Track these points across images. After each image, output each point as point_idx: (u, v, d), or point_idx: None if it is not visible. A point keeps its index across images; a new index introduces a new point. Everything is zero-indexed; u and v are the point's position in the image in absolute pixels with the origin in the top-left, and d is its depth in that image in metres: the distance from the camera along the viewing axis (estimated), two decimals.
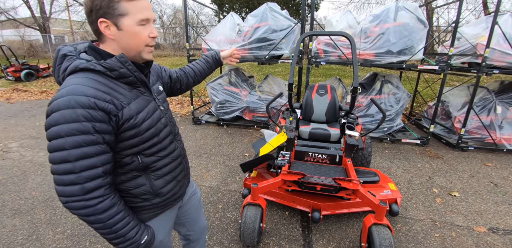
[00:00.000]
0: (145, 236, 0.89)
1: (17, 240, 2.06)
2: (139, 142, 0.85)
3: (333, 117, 2.74)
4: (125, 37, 0.79)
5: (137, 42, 0.80)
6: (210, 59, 1.33)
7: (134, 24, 0.78)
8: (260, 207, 1.86)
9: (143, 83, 0.88)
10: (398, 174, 3.07)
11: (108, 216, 0.78)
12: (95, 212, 0.76)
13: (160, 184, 0.94)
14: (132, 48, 0.81)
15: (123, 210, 0.83)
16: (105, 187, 0.78)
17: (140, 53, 0.83)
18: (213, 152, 3.75)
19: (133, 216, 0.88)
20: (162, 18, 19.71)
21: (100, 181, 0.76)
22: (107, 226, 0.79)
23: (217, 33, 4.42)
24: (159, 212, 0.99)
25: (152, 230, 0.95)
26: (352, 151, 2.29)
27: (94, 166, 0.74)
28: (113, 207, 0.79)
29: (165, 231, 1.04)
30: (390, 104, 3.98)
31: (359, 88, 2.46)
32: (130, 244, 0.85)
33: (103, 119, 0.74)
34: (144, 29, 0.80)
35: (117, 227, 0.81)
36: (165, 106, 1.01)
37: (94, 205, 0.75)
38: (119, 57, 0.79)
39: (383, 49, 3.40)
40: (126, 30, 0.77)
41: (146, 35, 0.81)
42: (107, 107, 0.74)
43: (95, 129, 0.73)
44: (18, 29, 16.58)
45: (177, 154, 1.00)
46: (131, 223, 0.85)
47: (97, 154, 0.75)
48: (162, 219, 1.02)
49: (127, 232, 0.83)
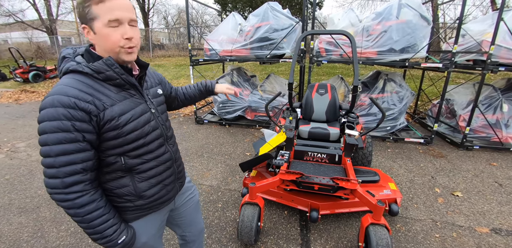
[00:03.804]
0: (123, 236, 0.90)
1: (22, 237, 2.12)
2: (123, 143, 0.86)
3: (333, 116, 2.72)
4: (100, 40, 0.80)
5: (109, 44, 0.80)
6: (203, 88, 1.34)
7: (104, 27, 0.77)
8: (257, 206, 1.87)
9: (132, 85, 0.89)
10: (400, 173, 3.04)
11: (86, 211, 0.81)
12: (74, 206, 0.79)
13: (144, 186, 0.94)
14: (109, 51, 0.82)
15: (103, 207, 0.85)
16: (84, 183, 0.81)
17: (117, 54, 0.82)
18: (214, 152, 3.77)
19: (113, 214, 0.89)
20: (167, 18, 19.84)
21: (80, 177, 0.79)
22: (85, 220, 0.82)
23: (219, 33, 4.44)
24: (143, 214, 0.99)
25: (132, 231, 0.96)
26: (351, 151, 2.28)
27: (73, 162, 0.78)
28: (92, 203, 0.82)
29: (149, 234, 1.04)
30: (393, 103, 3.94)
31: (359, 87, 2.44)
32: (107, 242, 0.87)
33: (82, 118, 0.76)
34: (115, 30, 0.78)
35: (95, 223, 0.83)
36: (159, 109, 1.01)
37: (73, 199, 0.79)
38: (106, 60, 0.81)
39: (386, 47, 3.36)
40: (98, 33, 0.78)
41: (119, 37, 0.79)
42: (87, 107, 0.77)
43: (74, 128, 0.76)
44: (26, 31, 16.94)
45: (166, 158, 1.00)
46: (110, 221, 0.86)
47: (77, 151, 0.78)
48: (146, 221, 1.02)
49: (104, 229, 0.85)
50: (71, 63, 0.82)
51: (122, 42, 0.80)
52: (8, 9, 15.88)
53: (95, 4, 0.75)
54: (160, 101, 1.04)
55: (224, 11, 10.93)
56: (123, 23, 0.79)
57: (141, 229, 1.00)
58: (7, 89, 9.56)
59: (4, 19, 16.20)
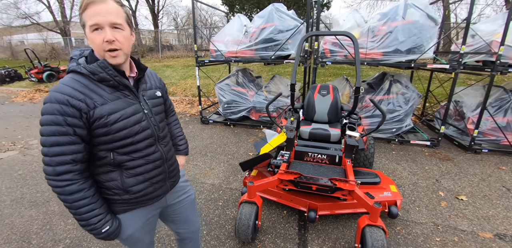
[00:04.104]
0: (107, 226, 0.96)
1: (32, 229, 2.22)
2: (111, 140, 0.92)
3: (335, 117, 2.72)
4: (90, 44, 0.88)
5: (95, 47, 0.87)
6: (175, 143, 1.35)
7: (89, 32, 0.84)
8: (255, 205, 1.89)
9: (126, 87, 0.95)
10: (403, 176, 3.00)
11: (74, 199, 0.88)
12: (64, 192, 0.87)
13: (131, 182, 0.99)
14: (98, 54, 0.89)
15: (90, 197, 0.91)
16: (74, 173, 0.88)
17: (104, 57, 0.88)
18: (218, 151, 3.82)
19: (99, 205, 0.94)
20: (176, 19, 20.15)
21: (69, 167, 0.87)
22: (72, 207, 0.89)
23: (225, 34, 4.49)
24: (130, 208, 1.04)
25: (118, 223, 1.01)
26: (352, 152, 2.27)
27: (63, 153, 0.85)
28: (80, 192, 0.89)
29: (135, 227, 1.08)
30: (399, 104, 3.89)
31: (362, 88, 2.43)
32: (92, 230, 0.93)
33: (73, 114, 0.83)
34: (98, 34, 0.84)
35: (81, 210, 0.90)
36: (154, 110, 1.05)
37: (63, 186, 0.87)
38: (100, 63, 0.87)
39: (391, 48, 3.32)
40: (88, 38, 0.86)
41: (101, 41, 0.84)
42: (78, 104, 0.84)
43: (66, 122, 0.83)
44: (41, 33, 17.56)
45: (156, 158, 1.04)
46: (96, 211, 0.93)
47: (67, 144, 0.85)
48: (133, 215, 1.06)
49: (90, 217, 0.92)
50: (73, 63, 0.89)
51: (104, 45, 0.85)
52: (24, 12, 16.52)
53: (82, 12, 0.83)
54: (157, 103, 1.08)
55: (231, 13, 11.03)
56: (104, 27, 0.84)
57: (128, 222, 1.05)
58: (23, 88, 9.93)
59: (21, 21, 16.87)
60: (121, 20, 0.87)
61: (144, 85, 1.05)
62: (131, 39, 0.93)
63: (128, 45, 0.92)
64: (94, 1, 0.82)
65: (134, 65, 1.02)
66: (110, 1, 0.85)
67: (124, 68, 0.95)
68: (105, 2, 0.83)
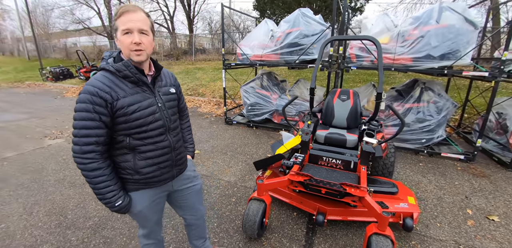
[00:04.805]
0: (119, 201, 1.12)
1: (69, 206, 2.56)
2: (128, 128, 1.08)
3: (354, 123, 2.66)
4: (120, 45, 1.05)
5: (124, 48, 1.04)
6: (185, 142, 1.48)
7: (121, 35, 1.02)
8: (263, 203, 1.93)
9: (144, 83, 1.11)
10: (428, 189, 2.80)
11: (94, 175, 1.05)
12: (86, 168, 1.04)
13: (142, 164, 1.14)
14: (125, 53, 1.06)
15: (107, 175, 1.08)
16: (96, 153, 1.04)
17: (129, 56, 1.05)
18: (238, 151, 3.92)
19: (114, 182, 1.11)
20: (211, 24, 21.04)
21: (93, 147, 1.03)
22: (92, 182, 1.06)
23: (252, 39, 4.63)
24: (140, 187, 1.20)
25: (129, 199, 1.17)
26: (368, 159, 2.21)
27: (89, 135, 1.02)
28: (99, 170, 1.05)
29: (144, 205, 1.23)
30: (430, 114, 3.65)
31: (384, 94, 2.36)
32: (107, 203, 1.11)
33: (100, 104, 1.00)
34: (128, 37, 1.02)
35: (99, 186, 1.07)
36: (167, 104, 1.20)
37: (86, 163, 1.03)
38: (124, 62, 1.05)
39: (422, 53, 3.15)
40: (119, 39, 1.04)
41: (129, 42, 1.02)
42: (105, 96, 1.01)
43: (94, 110, 1.00)
44: (91, 36, 19.55)
45: (164, 145, 1.19)
46: (111, 187, 1.09)
47: (93, 128, 1.01)
48: (143, 194, 1.21)
49: (105, 192, 1.08)
50: (104, 63, 1.08)
51: (132, 46, 1.02)
52: (78, 17, 18.55)
53: (117, 18, 1.02)
54: (170, 98, 1.23)
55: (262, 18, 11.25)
56: (133, 32, 1.02)
57: (137, 199, 1.21)
58: (73, 85, 11.14)
59: (75, 26, 19.00)
60: (147, 27, 1.05)
61: (160, 82, 1.20)
62: (153, 43, 1.11)
63: (151, 48, 1.10)
64: (128, 10, 1.01)
65: (152, 65, 1.18)
66: (140, 11, 1.04)
67: (144, 67, 1.11)
68: (136, 12, 1.02)
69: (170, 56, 15.80)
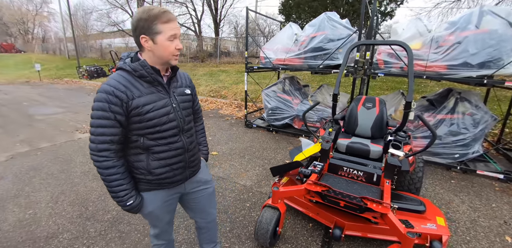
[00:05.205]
0: (131, 200, 1.12)
1: (91, 198, 2.70)
2: (143, 127, 1.08)
3: (379, 133, 2.50)
4: (158, 49, 1.04)
5: (167, 53, 1.05)
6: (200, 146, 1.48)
7: (165, 40, 1.03)
8: (278, 211, 1.87)
9: (159, 83, 1.11)
10: (460, 210, 2.55)
11: (108, 173, 1.06)
12: (101, 166, 1.05)
13: (155, 165, 1.14)
14: (163, 57, 1.07)
15: (121, 173, 1.08)
16: (110, 151, 1.05)
17: (169, 60, 1.08)
18: (256, 155, 3.89)
19: (127, 181, 1.11)
20: (237, 28, 21.42)
21: (108, 146, 1.04)
22: (106, 180, 1.07)
23: (275, 42, 4.60)
24: (153, 188, 1.19)
25: (140, 199, 1.17)
26: (393, 172, 2.06)
27: (104, 134, 1.03)
28: (113, 168, 1.06)
29: (155, 205, 1.22)
30: (465, 127, 3.35)
31: (414, 104, 2.20)
32: (119, 201, 1.11)
33: (116, 103, 1.01)
34: (172, 43, 1.04)
35: (112, 184, 1.08)
36: (182, 105, 1.19)
37: (101, 161, 1.05)
38: (140, 62, 1.05)
39: (458, 60, 2.91)
40: (159, 44, 1.03)
41: (173, 48, 1.05)
42: (120, 95, 1.01)
43: (110, 109, 1.01)
44: (124, 38, 20.75)
45: (178, 146, 1.18)
46: (124, 186, 1.10)
47: (108, 126, 1.02)
48: (155, 195, 1.21)
49: (118, 191, 1.09)
50: (121, 62, 1.08)
51: (175, 51, 1.07)
52: (113, 20, 19.83)
53: (161, 23, 1.00)
54: (185, 99, 1.22)
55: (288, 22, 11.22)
56: (177, 38, 1.06)
57: (149, 200, 1.21)
58: None
59: (110, 28, 20.28)
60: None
61: (175, 83, 1.19)
62: None
63: None
64: (174, 19, 1.05)
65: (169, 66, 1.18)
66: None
67: (160, 67, 1.10)
68: (176, 20, 1.07)
69: (196, 58, 16.28)
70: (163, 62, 1.08)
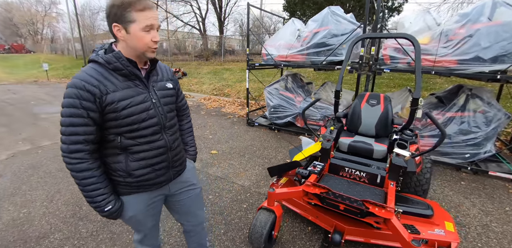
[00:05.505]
0: (109, 206, 1.03)
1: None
2: (120, 125, 0.98)
3: (384, 131, 2.37)
4: (131, 40, 0.95)
5: (141, 44, 0.95)
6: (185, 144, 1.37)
7: (139, 30, 0.93)
8: (273, 214, 1.77)
9: (137, 76, 1.00)
10: (470, 214, 2.40)
11: (83, 177, 0.96)
12: (74, 169, 0.95)
13: (134, 166, 1.05)
14: (137, 48, 0.97)
15: (97, 177, 0.99)
16: (84, 152, 0.96)
17: (144, 52, 0.98)
18: (256, 154, 3.79)
19: (104, 185, 1.01)
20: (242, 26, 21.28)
21: (81, 146, 0.94)
22: (80, 184, 0.98)
23: (278, 39, 4.48)
24: (133, 191, 1.10)
25: (120, 204, 1.07)
26: (398, 173, 1.93)
27: (76, 133, 0.93)
28: (88, 171, 0.97)
29: (137, 209, 1.12)
30: (476, 125, 3.17)
31: (421, 100, 2.06)
32: (96, 207, 1.01)
33: (88, 98, 0.91)
34: (147, 34, 0.94)
35: (88, 188, 0.98)
36: (163, 100, 1.09)
37: (74, 163, 0.95)
38: (115, 54, 0.94)
39: (470, 55, 2.73)
40: (133, 34, 0.93)
41: (149, 39, 0.95)
42: (92, 90, 0.91)
43: (81, 105, 0.91)
44: None
45: (160, 145, 1.08)
46: (101, 190, 1.00)
47: (81, 125, 0.93)
48: (136, 198, 1.11)
49: (95, 195, 0.99)
50: (93, 54, 0.98)
51: (151, 43, 0.96)
52: None
53: (136, 11, 0.90)
54: (166, 94, 1.12)
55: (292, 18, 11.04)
56: (154, 29, 0.95)
57: (130, 204, 1.11)
58: None
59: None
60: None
61: (155, 77, 1.09)
62: None
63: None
64: (151, 7, 0.94)
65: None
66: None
67: (136, 60, 1.01)
68: (154, 8, 0.97)
69: (201, 57, 16.25)
70: (138, 54, 0.99)
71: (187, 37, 20.66)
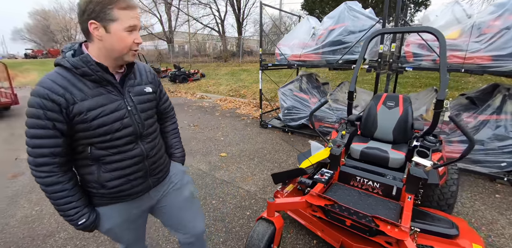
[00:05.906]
0: (83, 219, 0.96)
1: None
2: (91, 136, 0.90)
3: (403, 137, 2.13)
4: (111, 40, 0.86)
5: (122, 45, 0.87)
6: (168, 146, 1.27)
7: (122, 30, 0.85)
8: (272, 225, 1.62)
9: (109, 82, 0.91)
10: (506, 233, 2.08)
11: (53, 190, 0.90)
12: (43, 183, 0.89)
13: (107, 177, 0.97)
14: (115, 50, 0.88)
15: (68, 190, 0.92)
16: (53, 166, 0.88)
17: (123, 55, 0.90)
18: (266, 157, 3.66)
19: (77, 198, 0.95)
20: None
21: (48, 159, 0.87)
22: (51, 197, 0.91)
23: (292, 37, 4.32)
24: (109, 202, 1.03)
25: (95, 217, 1.00)
26: (416, 185, 1.70)
27: (42, 146, 0.86)
28: (58, 184, 0.90)
29: (114, 222, 1.05)
30: None
31: (447, 102, 1.81)
32: (69, 220, 0.95)
33: (53, 108, 0.83)
34: (130, 34, 0.87)
35: (59, 202, 0.92)
36: (140, 107, 1.00)
37: (42, 177, 0.88)
38: (82, 57, 0.85)
39: (506, 50, 2.39)
40: (114, 33, 0.85)
41: (131, 41, 0.88)
42: (57, 99, 0.83)
43: (45, 116, 0.83)
44: (153, 41, 21.66)
45: (135, 154, 1.00)
46: (73, 203, 0.93)
47: (46, 137, 0.85)
48: (113, 210, 1.04)
49: (67, 209, 0.93)
50: (59, 57, 0.90)
51: (133, 45, 0.89)
52: (143, 24, 20.79)
53: (119, 9, 0.83)
54: (144, 99, 1.03)
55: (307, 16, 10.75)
56: (136, 30, 0.89)
57: (106, 216, 1.04)
58: None
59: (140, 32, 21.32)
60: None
61: (132, 81, 1.00)
62: None
63: None
64: (135, 6, 0.88)
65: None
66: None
67: (110, 63, 0.91)
68: (137, 8, 0.91)
69: (219, 58, 16.43)
70: (115, 57, 0.89)
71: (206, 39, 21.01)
